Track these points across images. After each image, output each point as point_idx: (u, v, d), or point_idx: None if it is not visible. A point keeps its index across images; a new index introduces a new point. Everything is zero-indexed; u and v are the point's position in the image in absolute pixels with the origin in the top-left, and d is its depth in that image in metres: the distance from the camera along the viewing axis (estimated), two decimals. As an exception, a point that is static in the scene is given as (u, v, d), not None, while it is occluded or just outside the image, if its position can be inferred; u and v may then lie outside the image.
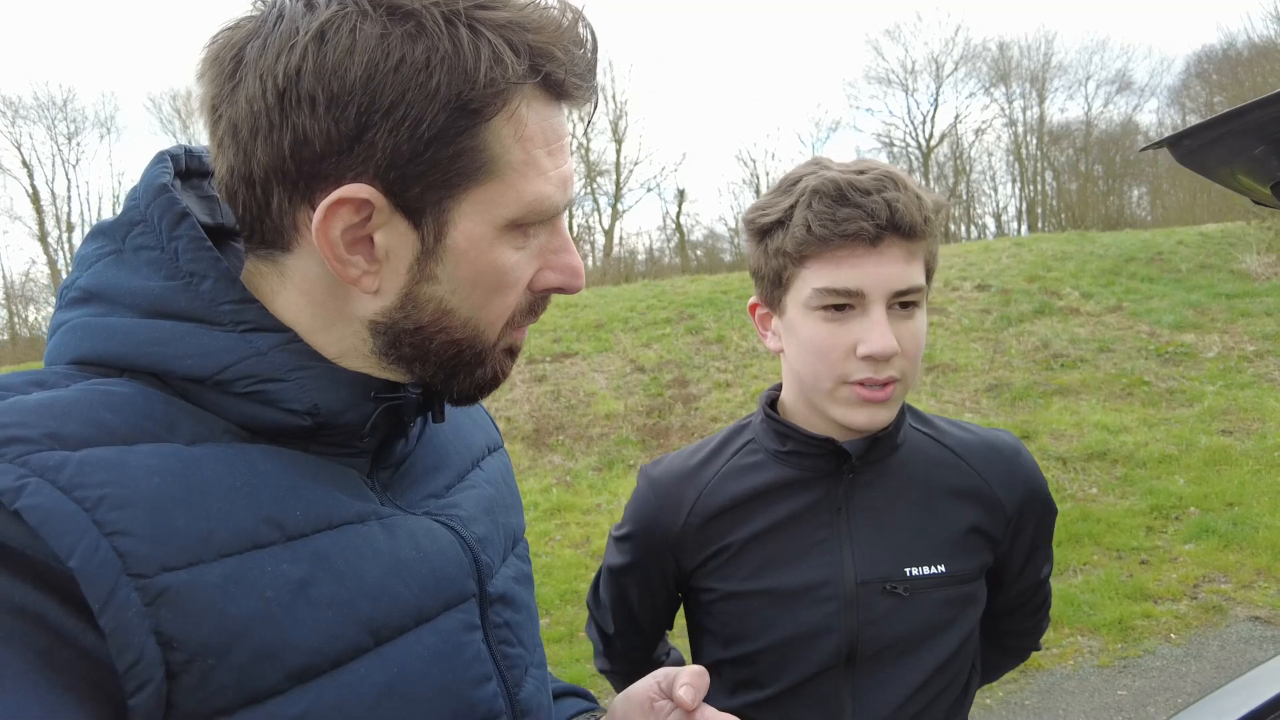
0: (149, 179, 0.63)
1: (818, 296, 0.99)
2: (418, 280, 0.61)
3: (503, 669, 0.70)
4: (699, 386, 8.11)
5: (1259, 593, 4.16)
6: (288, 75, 0.55)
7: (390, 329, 0.63)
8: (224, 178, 0.60)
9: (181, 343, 0.58)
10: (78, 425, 0.53)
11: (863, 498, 1.07)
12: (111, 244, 0.62)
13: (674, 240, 24.35)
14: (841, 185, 0.96)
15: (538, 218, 0.63)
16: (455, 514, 0.71)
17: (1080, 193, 25.25)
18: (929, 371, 7.96)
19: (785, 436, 1.08)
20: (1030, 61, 25.45)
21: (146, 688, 0.49)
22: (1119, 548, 4.77)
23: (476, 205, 0.60)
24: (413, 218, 0.59)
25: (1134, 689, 3.47)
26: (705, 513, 1.09)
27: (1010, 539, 1.12)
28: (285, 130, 0.56)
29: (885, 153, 26.88)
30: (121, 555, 0.49)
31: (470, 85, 0.56)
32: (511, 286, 0.65)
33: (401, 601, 0.62)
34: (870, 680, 1.04)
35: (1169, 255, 10.55)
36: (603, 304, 10.99)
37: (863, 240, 0.96)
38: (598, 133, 23.88)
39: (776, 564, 1.06)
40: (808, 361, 1.02)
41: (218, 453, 0.57)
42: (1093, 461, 5.94)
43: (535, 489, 6.56)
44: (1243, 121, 0.75)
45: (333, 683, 0.57)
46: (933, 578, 1.04)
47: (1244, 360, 7.57)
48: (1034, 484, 1.13)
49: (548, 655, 4.02)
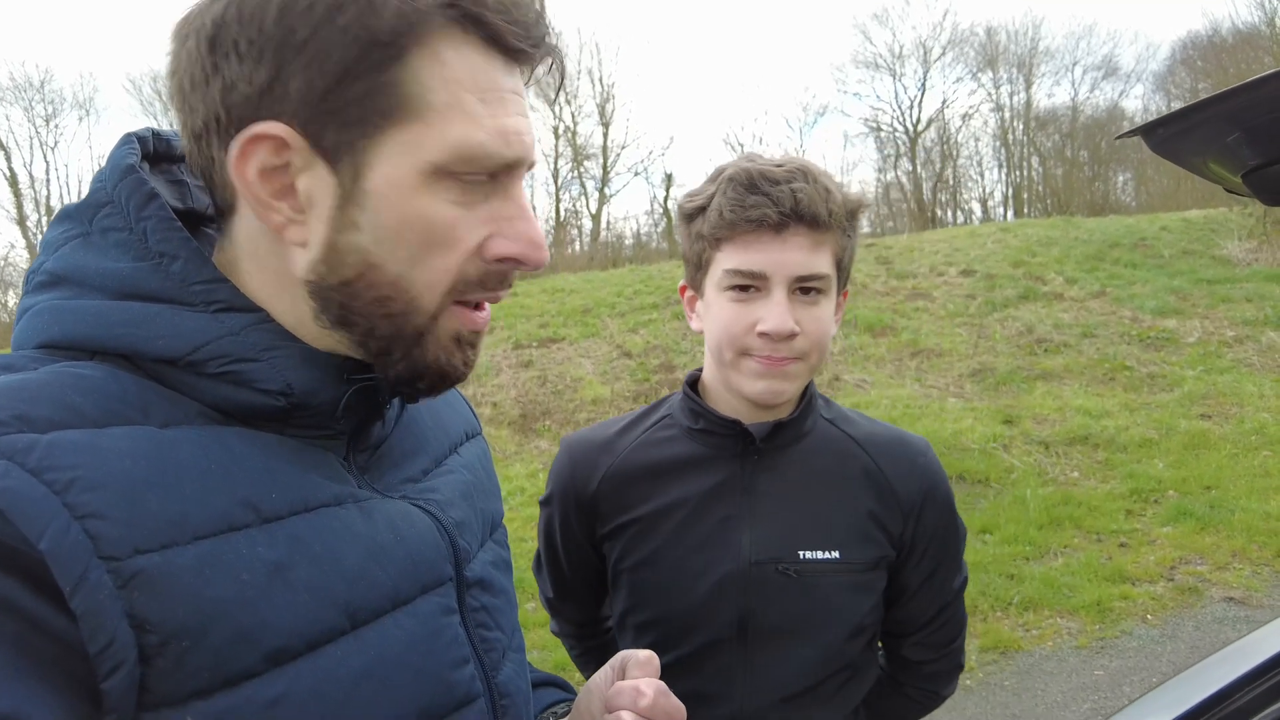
0: (115, 160, 0.63)
1: (727, 277, 1.06)
2: (339, 228, 0.59)
3: (480, 652, 0.70)
4: (686, 371, 8.12)
5: (1234, 574, 4.23)
6: (215, 24, 0.57)
7: (320, 287, 0.61)
8: (186, 144, 0.61)
9: (153, 324, 0.58)
10: (47, 408, 0.52)
11: (765, 480, 1.11)
12: (78, 227, 0.62)
13: (661, 225, 24.30)
14: (754, 175, 1.04)
15: (467, 166, 0.60)
16: (433, 498, 0.71)
17: (1066, 178, 25.36)
18: (914, 356, 8.01)
19: (698, 414, 1.14)
20: (1017, 46, 25.48)
21: (119, 671, 0.49)
22: (1099, 531, 4.83)
23: (396, 146, 0.58)
24: (331, 160, 0.58)
25: (1110, 669, 3.53)
26: (616, 479, 1.15)
27: (911, 535, 1.14)
28: (216, 79, 0.57)
29: (873, 138, 26.90)
30: (93, 538, 0.49)
31: (377, 17, 0.56)
32: (447, 244, 0.61)
33: (379, 585, 0.62)
34: (761, 655, 1.09)
35: (1153, 241, 10.64)
36: (589, 289, 10.96)
37: (767, 226, 1.03)
38: (585, 116, 23.76)
39: (680, 540, 1.11)
40: (716, 337, 1.08)
41: (191, 435, 0.57)
42: (1074, 445, 6.01)
43: (522, 474, 6.56)
44: (1215, 110, 0.75)
45: (310, 665, 0.57)
46: (825, 562, 1.09)
47: (1224, 345, 7.66)
48: (934, 483, 1.15)
49: (533, 640, 4.05)
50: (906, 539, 1.14)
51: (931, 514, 1.14)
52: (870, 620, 1.14)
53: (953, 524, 1.18)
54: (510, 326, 9.53)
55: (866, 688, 1.17)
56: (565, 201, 23.93)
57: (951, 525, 1.18)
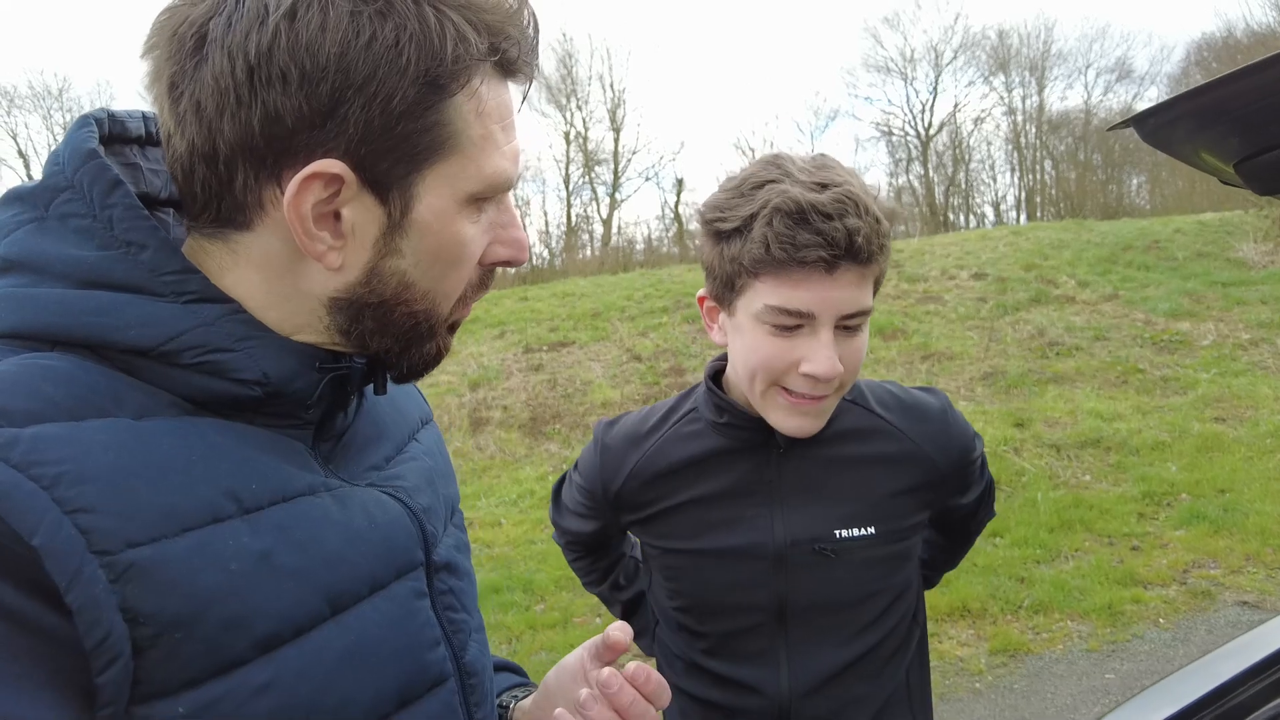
0: (75, 144, 0.60)
1: (769, 313, 1.00)
2: (383, 255, 0.62)
3: (449, 633, 0.71)
4: (695, 375, 8.12)
5: (1247, 578, 4.19)
6: (259, 51, 0.55)
7: (352, 304, 0.64)
8: (181, 156, 0.59)
9: (123, 313, 0.57)
10: (23, 400, 0.51)
11: (795, 468, 1.12)
12: (32, 211, 0.59)
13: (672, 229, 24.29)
14: (805, 208, 0.96)
15: (494, 191, 0.65)
16: (400, 485, 0.72)
17: (1079, 181, 25.18)
18: (925, 360, 7.97)
19: (722, 409, 1.13)
20: (1030, 50, 25.34)
21: (115, 665, 0.49)
22: (1110, 534, 4.79)
23: (440, 179, 0.62)
24: (380, 193, 0.60)
25: (1122, 673, 3.50)
26: (643, 475, 1.16)
27: (954, 486, 1.19)
28: (255, 106, 0.56)
29: (884, 142, 26.81)
30: (85, 532, 0.49)
31: (438, 62, 0.58)
32: (469, 260, 0.66)
33: (359, 570, 0.63)
34: (803, 635, 1.10)
35: (1166, 243, 10.55)
36: (600, 293, 10.97)
37: (819, 267, 0.97)
38: (596, 121, 23.81)
39: (710, 529, 1.12)
40: (749, 366, 1.05)
41: (169, 426, 0.57)
42: (1086, 449, 5.96)
43: (532, 476, 6.57)
44: (1205, 99, 0.75)
45: (296, 650, 0.58)
46: (863, 539, 1.09)
47: (1238, 348, 7.58)
48: (965, 438, 1.19)
49: (542, 640, 4.07)
50: (950, 491, 1.18)
51: (968, 462, 1.19)
52: (910, 583, 1.16)
53: (980, 450, 1.23)
54: (520, 330, 9.56)
55: (909, 657, 1.18)
56: (576, 206, 23.96)
57: (980, 452, 1.22)
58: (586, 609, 4.37)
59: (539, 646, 4.06)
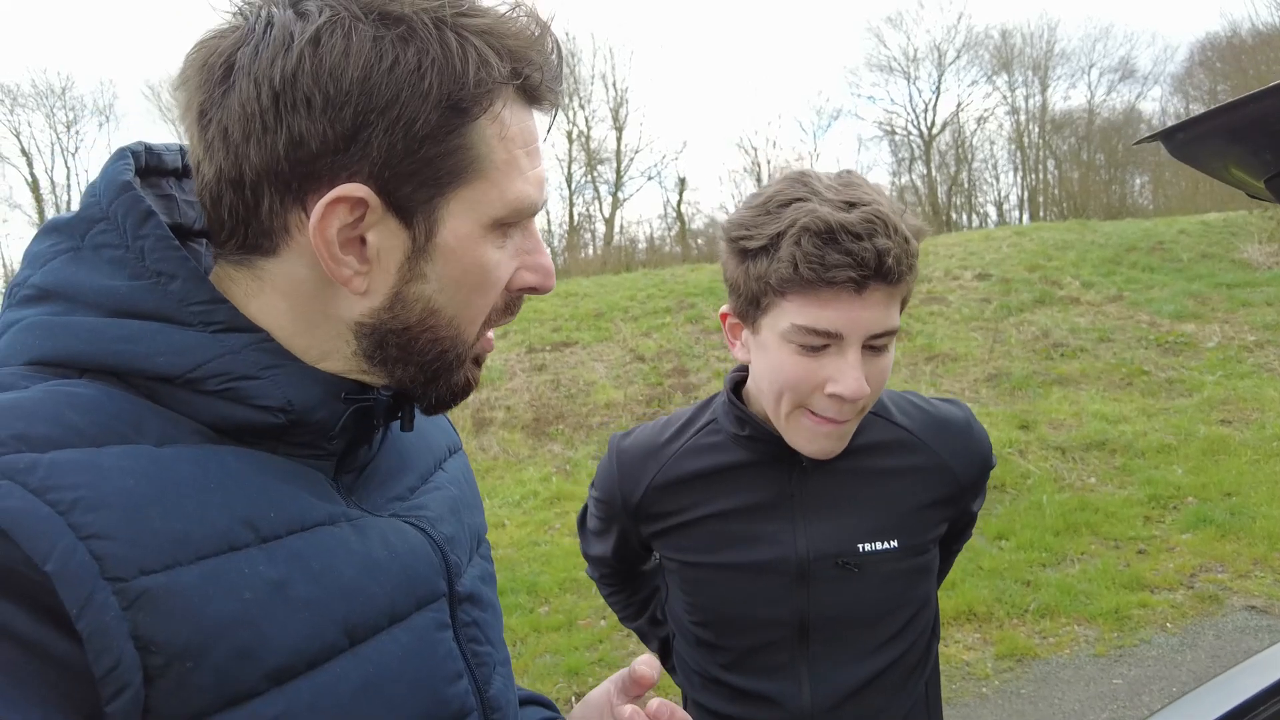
0: (110, 176, 0.62)
1: (796, 333, 0.99)
2: (408, 280, 0.62)
3: (472, 666, 0.71)
4: (699, 375, 8.11)
5: (1255, 582, 4.17)
6: (284, 77, 0.56)
7: (377, 330, 0.64)
8: (209, 182, 0.60)
9: (151, 341, 0.58)
10: (45, 426, 0.52)
11: (818, 482, 1.11)
12: (69, 241, 0.61)
13: (675, 229, 24.28)
14: (833, 227, 0.94)
15: (519, 217, 0.65)
16: (423, 514, 0.72)
17: (1082, 181, 25.15)
18: (929, 361, 7.96)
19: (743, 422, 1.12)
20: (1033, 49, 25.31)
21: (125, 693, 0.49)
22: (1116, 537, 4.77)
23: (465, 204, 0.62)
24: (404, 217, 0.61)
25: (1129, 678, 3.49)
26: (662, 488, 1.15)
27: (969, 499, 1.19)
28: (280, 132, 0.57)
29: (887, 141, 26.77)
30: (98, 559, 0.49)
31: (460, 86, 0.58)
32: (494, 285, 0.66)
33: (376, 601, 0.63)
34: (825, 650, 1.09)
35: (1170, 244, 10.53)
36: (603, 293, 10.97)
37: (849, 287, 0.95)
38: (598, 120, 23.81)
39: (731, 543, 1.11)
40: (774, 385, 1.04)
41: (189, 453, 0.57)
42: (1091, 451, 5.94)
43: (535, 477, 6.57)
44: (1236, 115, 0.74)
45: (309, 683, 0.57)
46: (886, 552, 1.09)
47: (1244, 350, 7.56)
48: (985, 450, 1.20)
49: (547, 644, 4.05)
50: (967, 502, 1.19)
51: (985, 474, 1.20)
52: (930, 596, 1.16)
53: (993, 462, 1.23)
54: (523, 330, 9.55)
55: (929, 671, 1.18)
56: (579, 205, 23.99)
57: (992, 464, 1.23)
58: (591, 612, 4.36)
59: (543, 649, 4.05)
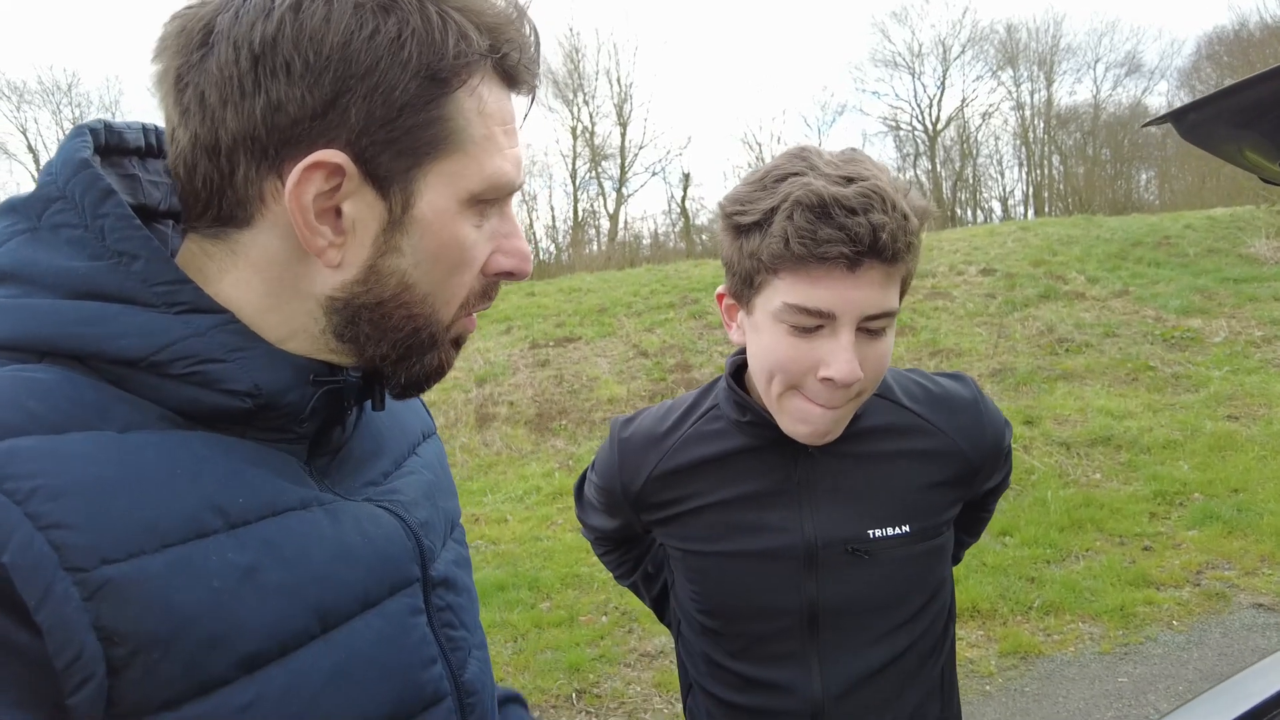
0: (67, 154, 0.60)
1: (787, 312, 0.95)
2: (383, 252, 0.62)
3: (447, 651, 0.70)
4: (702, 371, 8.08)
5: (1263, 579, 4.14)
6: (264, 41, 0.56)
7: (349, 304, 0.63)
8: (184, 150, 0.59)
9: (114, 323, 0.56)
10: (2, 413, 0.51)
11: (824, 466, 1.08)
12: (25, 221, 0.59)
13: (679, 224, 24.24)
14: (826, 200, 0.90)
15: (496, 193, 0.65)
16: (397, 499, 0.71)
17: (1087, 176, 25.04)
18: (933, 356, 7.92)
19: (745, 408, 1.10)
20: (1038, 44, 25.20)
21: (87, 685, 0.48)
22: (1122, 534, 4.74)
23: (442, 177, 0.62)
24: (381, 187, 0.60)
25: (1135, 676, 3.46)
26: (664, 475, 1.13)
27: (986, 474, 1.16)
28: (258, 96, 0.56)
29: (891, 136, 26.69)
30: (58, 548, 0.48)
31: (439, 57, 0.59)
32: (470, 265, 0.66)
33: (349, 586, 0.62)
34: (836, 637, 1.07)
35: (1176, 239, 10.47)
36: (606, 288, 10.95)
37: (841, 264, 0.91)
38: (602, 116, 23.76)
39: (737, 531, 1.09)
40: (767, 368, 1.00)
41: (155, 439, 0.56)
42: (1096, 447, 5.91)
43: (538, 473, 6.55)
44: (1251, 94, 0.71)
45: (281, 669, 0.57)
46: (897, 538, 1.06)
47: (1251, 345, 7.51)
48: (997, 427, 1.15)
49: (548, 639, 4.03)
50: (981, 480, 1.15)
51: (1000, 452, 1.16)
52: (945, 579, 1.14)
53: (1009, 436, 1.19)
54: (527, 326, 9.54)
55: (945, 654, 1.16)
56: (583, 201, 23.96)
57: (1009, 438, 1.19)
58: (592, 607, 4.34)
59: (545, 645, 4.03)
